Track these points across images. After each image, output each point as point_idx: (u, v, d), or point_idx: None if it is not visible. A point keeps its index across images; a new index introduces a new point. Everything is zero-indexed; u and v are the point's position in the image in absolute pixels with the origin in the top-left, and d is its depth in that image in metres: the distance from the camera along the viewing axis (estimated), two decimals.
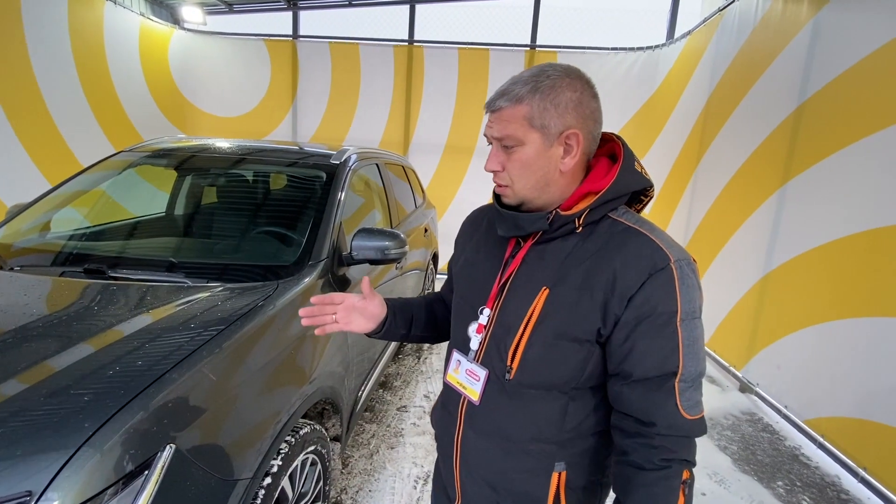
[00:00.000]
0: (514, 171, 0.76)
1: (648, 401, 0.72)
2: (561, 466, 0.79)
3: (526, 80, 0.74)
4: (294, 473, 1.36)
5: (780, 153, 2.90)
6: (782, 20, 2.98)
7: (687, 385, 0.71)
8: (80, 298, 1.35)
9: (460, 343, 0.88)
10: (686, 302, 0.71)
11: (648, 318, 0.70)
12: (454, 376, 0.87)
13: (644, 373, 0.71)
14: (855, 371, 2.27)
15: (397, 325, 0.98)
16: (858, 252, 2.29)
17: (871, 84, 2.29)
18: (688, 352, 0.71)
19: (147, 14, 5.21)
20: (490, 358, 0.82)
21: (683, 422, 0.71)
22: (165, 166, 2.28)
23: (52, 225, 1.97)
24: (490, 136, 0.77)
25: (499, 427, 0.81)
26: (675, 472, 0.71)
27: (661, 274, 0.70)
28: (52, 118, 4.00)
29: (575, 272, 0.75)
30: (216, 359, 1.12)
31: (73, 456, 0.82)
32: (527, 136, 0.74)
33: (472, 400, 0.83)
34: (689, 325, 0.71)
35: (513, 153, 0.76)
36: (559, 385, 0.77)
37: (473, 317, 0.85)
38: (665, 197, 4.63)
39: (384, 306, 0.96)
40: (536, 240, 0.80)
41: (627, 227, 0.76)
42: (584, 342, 0.74)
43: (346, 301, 0.92)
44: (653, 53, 5.07)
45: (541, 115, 0.73)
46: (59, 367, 1.00)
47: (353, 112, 5.69)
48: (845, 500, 2.22)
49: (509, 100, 0.74)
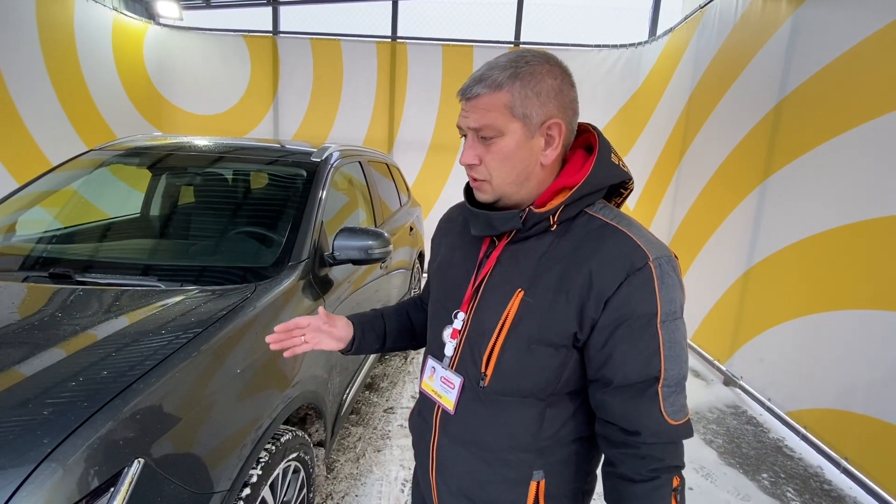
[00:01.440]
0: (494, 165, 0.71)
1: (631, 408, 0.68)
2: (539, 475, 0.76)
3: (504, 65, 0.69)
4: (275, 482, 1.31)
5: (761, 149, 2.93)
6: (762, 17, 3.01)
7: (671, 390, 0.68)
8: (45, 305, 1.28)
9: (435, 349, 0.83)
10: (666, 302, 0.67)
11: (627, 321, 0.66)
12: (429, 384, 0.83)
13: (625, 379, 0.68)
14: (835, 363, 2.30)
15: (368, 341, 0.94)
16: (838, 246, 2.32)
17: (849, 80, 2.32)
18: (669, 355, 0.67)
19: (120, 9, 5.05)
20: (464, 364, 0.77)
21: (669, 428, 0.68)
22: (139, 165, 2.19)
23: (17, 227, 1.88)
24: (466, 126, 0.71)
25: (474, 436, 0.77)
26: (664, 482, 0.68)
27: (640, 274, 0.66)
28: (19, 115, 3.85)
29: (550, 273, 0.70)
30: (190, 365, 1.07)
31: (32, 474, 0.76)
32: (507, 125, 0.68)
33: (446, 408, 0.79)
34: (671, 327, 0.68)
35: (492, 145, 0.70)
36: (535, 392, 0.73)
37: (448, 321, 0.80)
38: (648, 193, 4.67)
39: (349, 326, 0.92)
40: (511, 239, 0.75)
41: (605, 224, 0.71)
42: (560, 347, 0.70)
43: (311, 323, 0.87)
44: (635, 50, 5.10)
45: (522, 104, 0.68)
46: (16, 380, 0.94)
47: (335, 110, 5.61)
48: (828, 490, 2.25)
49: (488, 86, 0.68)
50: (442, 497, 0.84)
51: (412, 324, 1.00)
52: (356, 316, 0.96)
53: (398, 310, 1.01)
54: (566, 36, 5.51)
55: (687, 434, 0.70)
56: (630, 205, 5.13)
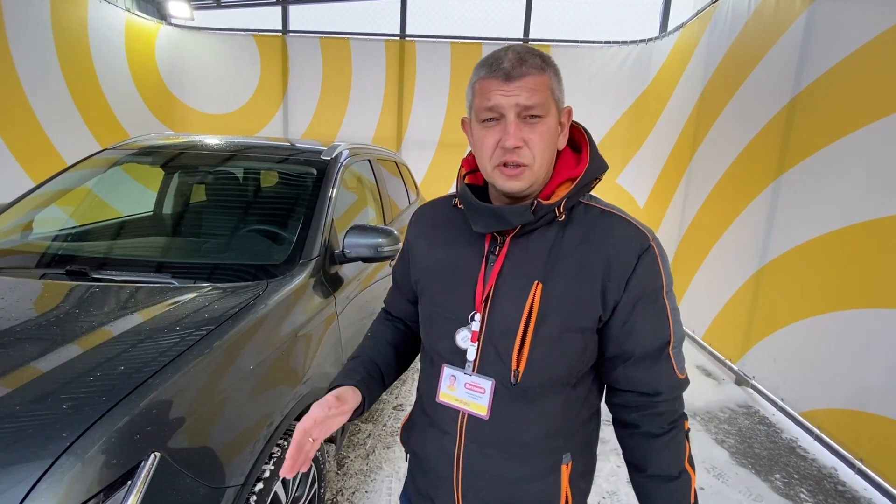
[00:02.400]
0: (540, 146, 0.70)
1: (652, 373, 0.75)
2: (567, 458, 0.78)
3: (532, 52, 0.71)
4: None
5: (774, 145, 2.89)
6: (776, 11, 2.96)
7: (678, 350, 0.77)
8: (62, 301, 1.30)
9: (450, 356, 0.79)
10: (667, 275, 0.75)
11: (643, 297, 0.73)
12: (450, 394, 0.78)
13: (644, 349, 0.74)
14: (850, 363, 2.27)
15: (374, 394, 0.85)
16: (854, 244, 2.28)
17: (866, 75, 2.28)
18: (674, 318, 0.76)
19: (133, 10, 5.11)
20: (490, 365, 0.75)
21: (681, 382, 0.77)
22: (152, 164, 2.22)
23: (34, 225, 1.92)
24: (512, 104, 0.68)
25: (510, 435, 0.76)
26: (680, 429, 0.77)
27: (648, 253, 0.73)
28: (35, 116, 3.91)
29: (565, 262, 0.73)
30: (204, 361, 1.08)
31: (51, 467, 0.78)
32: (551, 107, 0.71)
33: (478, 415, 0.76)
34: (671, 296, 0.76)
35: (537, 125, 0.69)
36: (565, 378, 0.76)
37: (460, 325, 0.77)
38: (659, 190, 4.63)
39: (357, 393, 0.80)
40: (516, 233, 0.75)
41: (603, 211, 0.76)
42: (586, 331, 0.74)
43: (315, 419, 0.72)
44: (646, 47, 5.05)
45: (557, 88, 0.72)
46: (36, 374, 0.96)
47: (344, 108, 5.63)
48: (842, 491, 2.22)
49: (534, 67, 0.68)
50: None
51: (397, 351, 0.93)
52: (353, 375, 0.84)
53: (380, 345, 0.92)
54: (575, 32, 5.47)
55: (689, 383, 0.79)
56: (640, 202, 5.09)
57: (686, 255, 3.94)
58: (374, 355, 0.90)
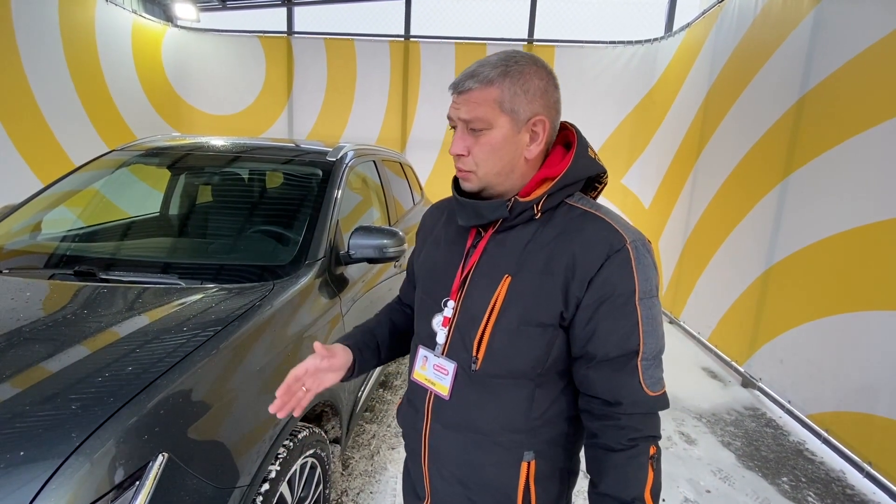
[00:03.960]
0: (481, 156, 0.75)
1: (613, 381, 0.73)
2: (530, 456, 0.79)
3: (495, 63, 0.73)
4: (293, 478, 1.33)
5: (781, 146, 2.87)
6: (783, 11, 2.94)
7: (649, 363, 0.73)
8: (70, 302, 1.31)
9: (425, 338, 0.85)
10: (643, 281, 0.73)
11: (609, 299, 0.72)
12: (421, 373, 0.85)
13: (607, 353, 0.73)
14: (858, 365, 2.25)
15: (366, 360, 0.93)
16: (862, 245, 2.26)
17: (874, 75, 2.26)
18: (647, 329, 0.73)
19: (139, 11, 5.15)
20: (456, 350, 0.80)
21: (647, 398, 0.73)
22: (159, 165, 2.23)
23: (43, 226, 1.93)
24: (456, 117, 0.76)
25: (467, 419, 0.80)
26: (642, 450, 0.73)
27: (618, 255, 0.72)
28: (43, 117, 3.95)
29: (536, 258, 0.75)
30: (211, 362, 1.09)
31: (61, 467, 0.79)
32: (496, 119, 0.73)
33: (441, 395, 0.82)
34: (648, 304, 0.73)
35: (480, 136, 0.75)
36: (525, 372, 0.77)
37: (437, 310, 0.83)
38: (665, 191, 4.60)
39: (348, 352, 0.88)
40: (497, 228, 0.79)
41: (584, 212, 0.77)
42: (547, 326, 0.75)
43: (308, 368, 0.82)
44: (651, 47, 5.03)
45: (511, 100, 0.73)
46: (46, 374, 0.96)
47: (349, 109, 5.65)
48: (851, 495, 2.20)
49: (479, 82, 0.73)
50: (434, 484, 0.86)
51: (399, 330, 1.00)
52: (348, 339, 0.93)
53: (383, 319, 1.00)
54: (580, 33, 5.46)
55: (663, 405, 0.75)
56: (646, 203, 5.07)
57: (692, 256, 3.92)
58: (374, 328, 0.98)
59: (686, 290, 3.96)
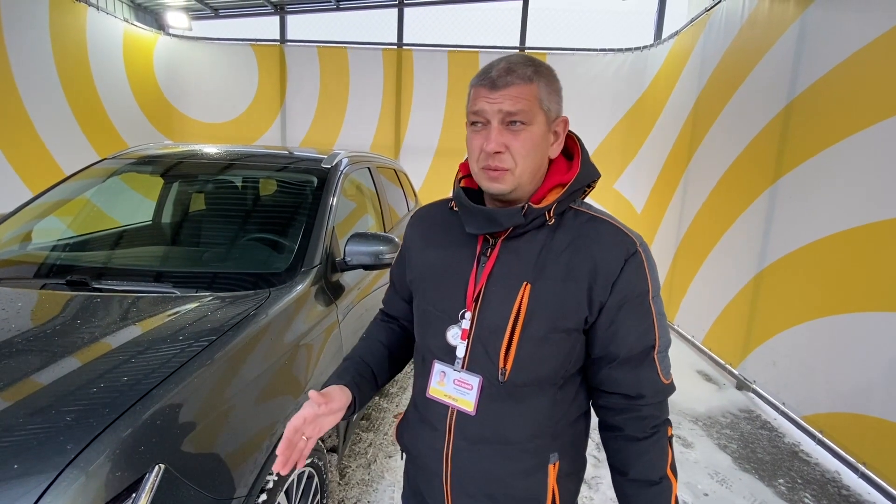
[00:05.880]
0: (521, 152, 0.73)
1: (636, 376, 0.77)
2: (555, 457, 0.80)
3: (525, 62, 0.74)
4: (290, 488, 1.31)
5: (770, 150, 2.92)
6: (769, 19, 3.00)
7: (663, 355, 0.78)
8: (62, 312, 1.29)
9: (440, 353, 0.82)
10: (653, 280, 0.77)
11: (629, 300, 0.75)
12: (440, 389, 0.81)
13: (629, 351, 0.76)
14: (851, 366, 2.27)
15: (365, 395, 0.87)
16: (852, 248, 2.30)
17: (860, 80, 2.31)
18: (660, 324, 0.77)
19: (131, 20, 5.14)
20: (479, 363, 0.78)
21: (665, 387, 0.78)
22: (151, 173, 2.22)
23: (33, 235, 1.91)
24: (496, 110, 0.72)
25: (496, 431, 0.79)
26: (662, 434, 0.78)
27: (634, 258, 0.75)
28: (33, 126, 3.91)
29: (554, 264, 0.75)
30: (207, 372, 1.07)
31: (56, 480, 0.77)
32: (536, 115, 0.73)
33: (465, 411, 0.79)
34: (657, 301, 0.78)
35: (521, 132, 0.73)
36: (551, 377, 0.78)
37: (451, 323, 0.80)
38: (656, 196, 4.65)
39: (346, 392, 0.82)
40: (507, 235, 0.78)
41: (592, 217, 0.78)
42: (572, 332, 0.76)
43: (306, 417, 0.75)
44: (641, 54, 5.10)
45: (547, 98, 0.74)
46: (39, 386, 0.95)
47: (342, 116, 5.66)
48: (846, 496, 2.21)
49: (520, 77, 0.72)
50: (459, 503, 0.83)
51: (391, 352, 0.95)
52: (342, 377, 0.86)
53: (372, 343, 0.95)
54: (571, 40, 5.53)
55: (673, 389, 0.80)
56: (638, 208, 5.11)
57: (684, 260, 3.95)
58: (365, 355, 0.93)
59: (679, 293, 3.99)
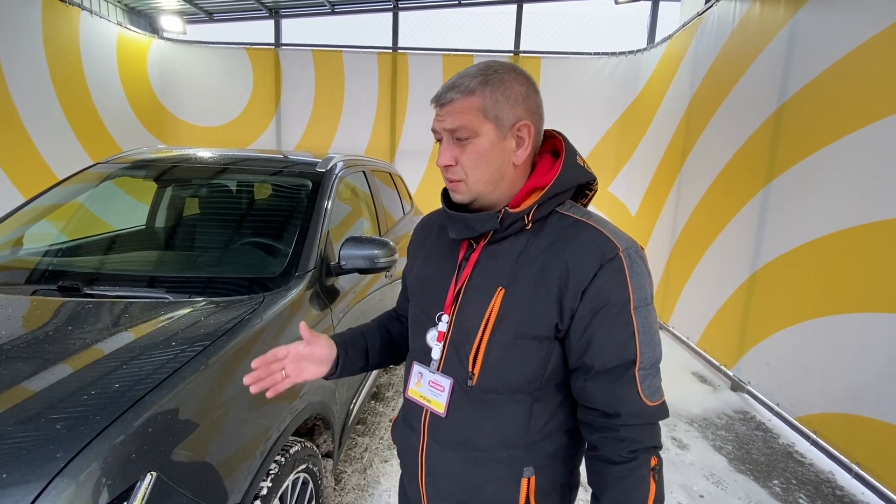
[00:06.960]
0: (469, 164, 0.75)
1: (611, 392, 0.72)
2: (529, 472, 0.77)
3: (474, 73, 0.74)
4: (285, 494, 1.31)
5: (763, 152, 2.94)
6: (760, 23, 3.03)
7: (646, 372, 0.72)
8: (53, 318, 1.28)
9: (420, 354, 0.84)
10: (637, 289, 0.72)
11: (603, 308, 0.71)
12: (416, 390, 0.83)
13: (604, 364, 0.72)
14: (845, 367, 2.29)
15: (352, 361, 0.91)
16: (845, 249, 2.32)
17: (850, 83, 2.33)
18: (644, 338, 0.71)
19: (125, 24, 5.12)
20: (452, 366, 0.79)
21: (646, 408, 0.72)
22: (145, 177, 2.21)
23: (25, 240, 1.89)
24: (441, 128, 0.76)
25: (465, 437, 0.78)
26: (643, 462, 0.72)
27: (612, 264, 0.71)
28: (26, 130, 3.88)
29: (529, 269, 0.74)
30: (200, 378, 1.07)
31: (45, 489, 0.76)
32: (481, 127, 0.73)
33: (437, 412, 0.79)
34: (643, 312, 0.72)
35: (467, 145, 0.74)
36: (523, 386, 0.76)
37: (431, 325, 0.82)
38: (650, 199, 4.67)
39: (332, 346, 0.88)
40: (488, 240, 0.79)
41: (576, 221, 0.76)
42: (543, 339, 0.74)
43: (290, 352, 0.83)
44: (634, 58, 5.14)
45: (494, 106, 0.73)
46: (29, 393, 0.94)
47: (337, 120, 5.65)
48: (840, 496, 2.22)
49: (460, 92, 0.73)
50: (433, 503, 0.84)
51: (392, 338, 0.99)
52: (337, 336, 0.93)
53: (377, 325, 1.00)
54: (565, 44, 5.56)
55: (663, 415, 0.73)
56: (632, 210, 5.13)
57: (679, 262, 3.97)
58: (365, 331, 0.97)
59: (674, 295, 4.01)
